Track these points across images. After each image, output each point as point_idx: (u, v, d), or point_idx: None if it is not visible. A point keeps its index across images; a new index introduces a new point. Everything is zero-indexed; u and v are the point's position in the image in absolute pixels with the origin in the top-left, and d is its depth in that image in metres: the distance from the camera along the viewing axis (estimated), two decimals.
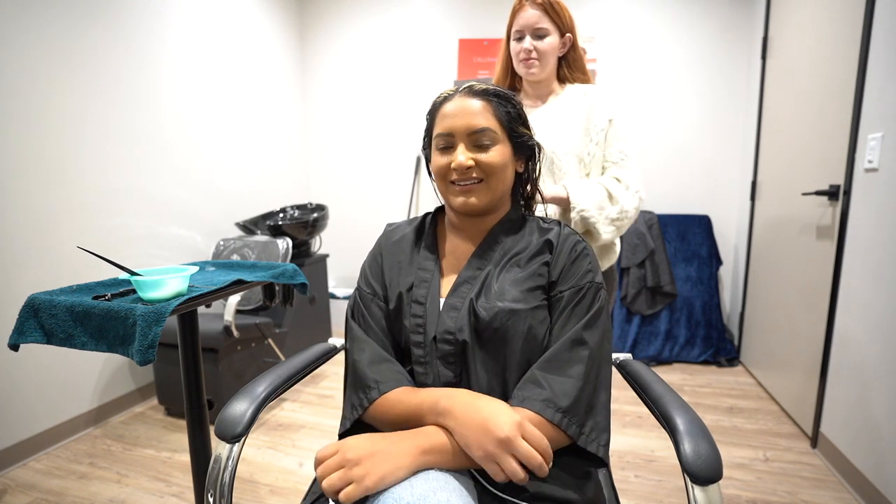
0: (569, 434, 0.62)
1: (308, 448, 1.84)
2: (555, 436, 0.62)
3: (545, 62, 1.18)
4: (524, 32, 1.17)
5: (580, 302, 0.70)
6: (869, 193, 1.50)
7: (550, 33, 1.17)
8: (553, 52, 1.18)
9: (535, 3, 1.16)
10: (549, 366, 0.66)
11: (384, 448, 0.57)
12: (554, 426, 0.62)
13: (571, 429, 0.62)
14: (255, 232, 2.54)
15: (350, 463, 0.55)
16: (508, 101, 0.76)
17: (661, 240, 2.68)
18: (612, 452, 1.56)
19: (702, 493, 0.55)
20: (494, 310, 0.69)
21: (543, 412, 0.62)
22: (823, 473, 1.61)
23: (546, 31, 1.16)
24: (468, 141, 0.73)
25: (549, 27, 1.16)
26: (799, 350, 1.92)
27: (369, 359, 0.72)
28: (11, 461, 1.69)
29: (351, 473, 0.54)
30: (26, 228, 1.73)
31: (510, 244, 0.77)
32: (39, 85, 1.75)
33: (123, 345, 0.80)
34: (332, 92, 3.32)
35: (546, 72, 1.21)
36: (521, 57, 1.18)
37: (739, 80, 2.67)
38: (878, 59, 1.47)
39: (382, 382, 0.69)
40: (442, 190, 0.78)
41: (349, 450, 0.57)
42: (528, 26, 1.16)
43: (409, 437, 0.60)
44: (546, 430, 0.61)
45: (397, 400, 0.67)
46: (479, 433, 0.57)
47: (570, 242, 0.75)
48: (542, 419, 0.62)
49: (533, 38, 1.16)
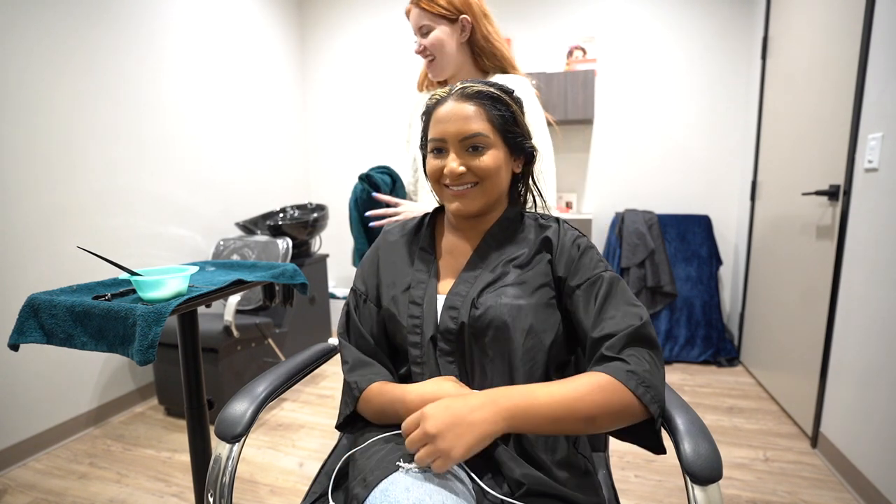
0: (650, 410, 0.59)
1: (308, 448, 1.84)
2: (632, 409, 0.59)
3: (441, 57, 1.11)
4: (415, 33, 1.13)
5: (600, 289, 0.69)
6: (869, 193, 1.50)
7: (434, 27, 1.10)
8: (443, 44, 1.10)
9: (414, 3, 1.10)
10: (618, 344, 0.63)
11: (463, 416, 0.56)
12: (637, 399, 0.59)
13: (653, 406, 0.59)
14: (255, 232, 2.54)
15: (432, 437, 0.55)
16: (503, 103, 0.74)
17: (661, 240, 2.68)
18: (612, 452, 1.57)
19: (702, 493, 0.55)
20: (495, 307, 0.69)
21: (628, 383, 0.59)
22: (823, 473, 1.61)
23: (428, 26, 1.10)
24: (460, 146, 0.72)
25: (430, 22, 1.09)
26: (799, 350, 1.92)
27: (351, 364, 0.76)
28: (11, 461, 1.69)
29: (437, 448, 0.54)
30: (26, 228, 1.73)
31: (509, 244, 0.77)
32: (39, 85, 1.75)
33: (123, 345, 0.80)
34: (332, 92, 3.32)
35: (450, 68, 1.13)
36: (420, 55, 1.14)
37: (739, 80, 2.67)
38: (878, 59, 1.47)
39: (359, 382, 0.73)
40: (437, 192, 0.78)
41: (429, 421, 0.56)
42: (414, 27, 1.12)
43: (488, 402, 0.58)
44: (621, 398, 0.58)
45: (371, 397, 0.71)
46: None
47: (571, 238, 0.75)
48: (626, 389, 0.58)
49: (420, 35, 1.11)
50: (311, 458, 1.77)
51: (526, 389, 0.60)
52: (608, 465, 0.90)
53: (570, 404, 0.58)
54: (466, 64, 1.14)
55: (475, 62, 1.15)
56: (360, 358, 0.76)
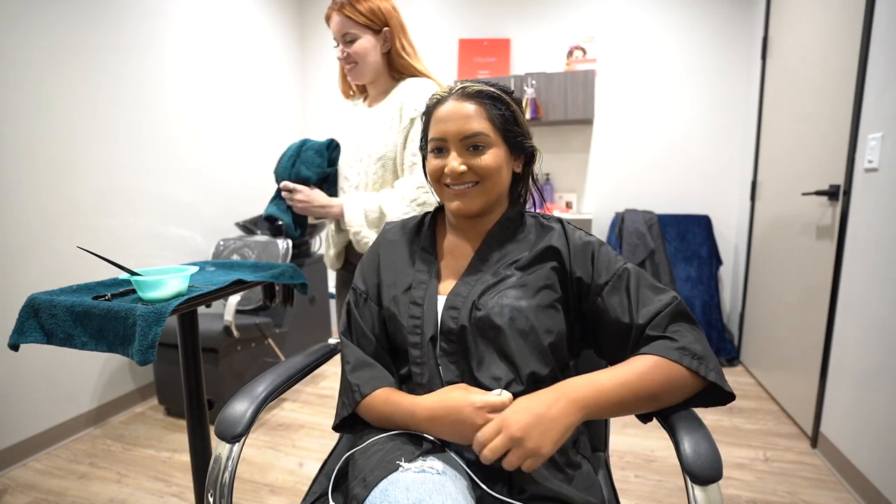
0: (708, 379, 0.63)
1: (308, 448, 1.84)
2: (690, 381, 0.63)
3: (364, 64, 1.16)
4: (337, 40, 1.16)
5: (629, 282, 0.70)
6: (869, 193, 1.50)
7: (360, 36, 1.14)
8: (367, 52, 1.15)
9: (336, 9, 1.13)
10: (662, 322, 0.66)
11: (541, 413, 0.58)
12: (692, 372, 0.62)
13: (711, 374, 0.63)
14: (255, 232, 2.54)
15: (517, 440, 0.56)
16: (503, 102, 0.74)
17: (661, 240, 2.68)
18: (612, 452, 1.57)
19: (702, 493, 0.55)
20: (495, 309, 0.69)
21: (682, 360, 0.62)
22: (823, 473, 1.61)
23: (353, 35, 1.13)
24: (461, 145, 0.72)
25: (355, 31, 1.13)
26: (799, 350, 1.92)
27: (353, 364, 0.75)
28: (11, 461, 1.70)
29: (525, 449, 0.56)
30: (26, 228, 1.73)
31: (511, 244, 0.77)
32: (40, 86, 1.75)
33: (123, 345, 0.80)
34: (332, 92, 3.31)
35: (370, 74, 1.19)
36: (341, 63, 1.18)
37: (739, 79, 2.67)
38: (878, 59, 1.47)
39: (362, 386, 0.72)
40: (438, 192, 0.78)
41: (510, 426, 0.57)
42: (337, 33, 1.15)
43: (560, 396, 0.60)
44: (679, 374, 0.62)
45: (375, 405, 0.70)
46: (454, 427, 0.61)
47: (580, 238, 0.75)
48: (680, 366, 0.62)
49: (343, 44, 1.15)
50: (311, 458, 1.77)
51: (589, 378, 0.63)
52: (608, 465, 0.90)
53: (635, 386, 0.61)
54: (384, 71, 1.20)
55: (389, 69, 1.21)
56: (363, 358, 0.76)
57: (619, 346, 0.71)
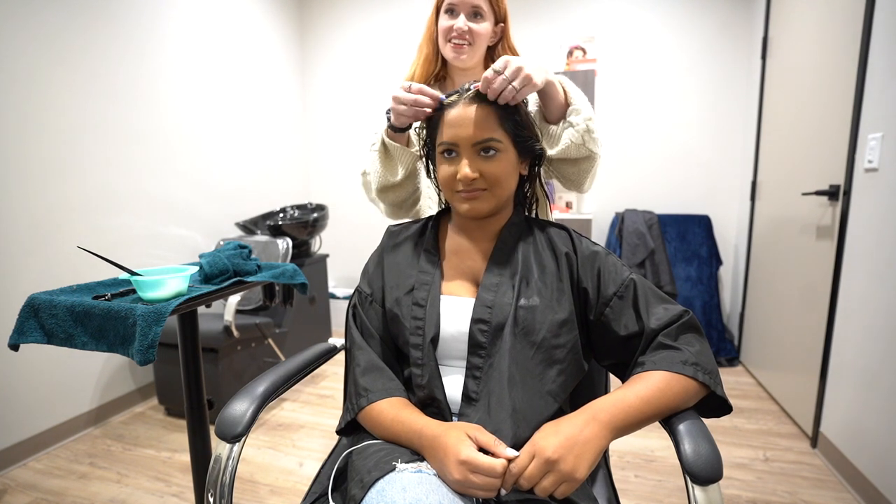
0: (713, 389, 0.65)
1: (308, 448, 1.84)
2: (698, 391, 0.65)
3: (477, 47, 1.02)
4: (458, 8, 0.99)
5: (636, 292, 0.71)
6: (869, 193, 1.50)
7: (487, 18, 1.01)
8: (484, 38, 1.03)
9: None
10: (673, 332, 0.68)
11: (574, 436, 0.57)
12: (704, 386, 0.64)
13: (719, 389, 0.65)
14: (255, 232, 2.54)
15: (553, 463, 0.55)
16: (514, 107, 0.74)
17: (661, 240, 2.68)
18: (612, 452, 1.57)
19: (702, 493, 0.55)
20: (514, 317, 0.69)
21: (696, 376, 0.64)
22: (823, 473, 1.61)
23: (483, 13, 1.00)
24: (473, 151, 0.72)
25: (487, 9, 1.01)
26: (799, 350, 1.92)
27: (364, 367, 0.75)
28: (11, 461, 1.69)
29: (561, 473, 0.55)
30: (26, 228, 1.73)
31: (522, 248, 0.77)
32: (39, 84, 1.75)
33: (123, 345, 0.80)
34: (332, 92, 3.31)
35: (475, 59, 1.05)
36: (452, 36, 1.01)
37: (739, 80, 2.67)
38: (878, 59, 1.47)
39: (372, 392, 0.71)
40: (447, 196, 0.78)
41: (544, 450, 0.56)
42: (465, 4, 0.99)
43: (590, 419, 0.60)
44: (690, 386, 0.64)
45: (383, 420, 0.68)
46: (437, 466, 0.59)
47: (587, 248, 0.76)
48: (694, 381, 0.64)
49: (468, 16, 0.99)
50: (311, 458, 1.77)
51: (615, 398, 0.62)
52: (608, 465, 0.90)
53: (657, 402, 0.62)
54: (481, 65, 1.10)
55: (483, 67, 1.11)
56: (374, 362, 0.75)
57: (623, 353, 0.71)
